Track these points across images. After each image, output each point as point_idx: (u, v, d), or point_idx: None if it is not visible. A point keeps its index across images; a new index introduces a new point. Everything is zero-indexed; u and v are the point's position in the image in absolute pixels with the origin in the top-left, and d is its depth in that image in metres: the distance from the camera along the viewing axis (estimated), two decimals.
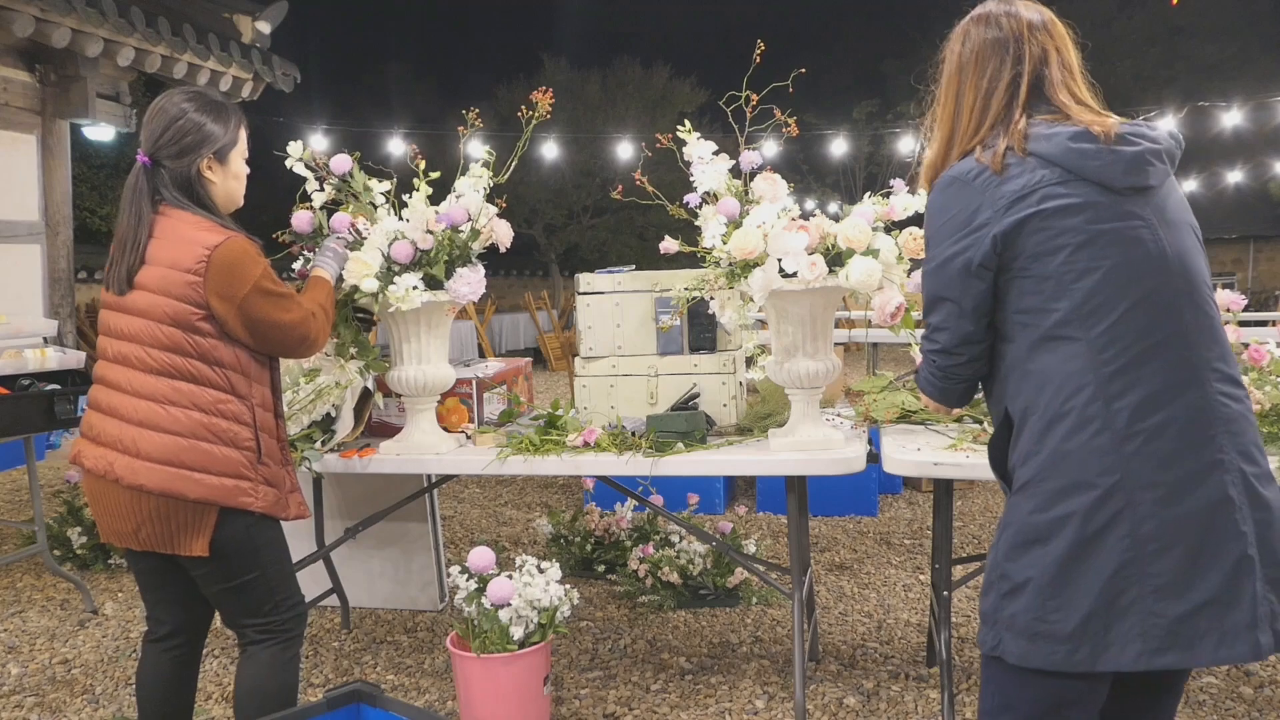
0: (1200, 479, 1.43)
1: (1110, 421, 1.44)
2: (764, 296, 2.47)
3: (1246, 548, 1.42)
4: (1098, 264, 1.48)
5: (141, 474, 2.00)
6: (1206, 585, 1.40)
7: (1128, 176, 1.52)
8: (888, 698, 2.92)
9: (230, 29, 7.17)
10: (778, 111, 2.53)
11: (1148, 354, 1.46)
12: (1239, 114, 12.40)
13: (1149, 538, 1.41)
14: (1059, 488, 1.46)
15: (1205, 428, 1.45)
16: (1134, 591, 1.41)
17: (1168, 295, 1.49)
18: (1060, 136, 1.54)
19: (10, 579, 4.32)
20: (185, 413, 2.02)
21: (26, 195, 6.34)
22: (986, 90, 1.63)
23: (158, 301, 2.02)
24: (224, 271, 2.02)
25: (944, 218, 1.59)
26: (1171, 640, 1.40)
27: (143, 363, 2.03)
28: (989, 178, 1.55)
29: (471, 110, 2.72)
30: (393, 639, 3.56)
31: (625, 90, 23.30)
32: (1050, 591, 1.46)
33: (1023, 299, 1.53)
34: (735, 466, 2.64)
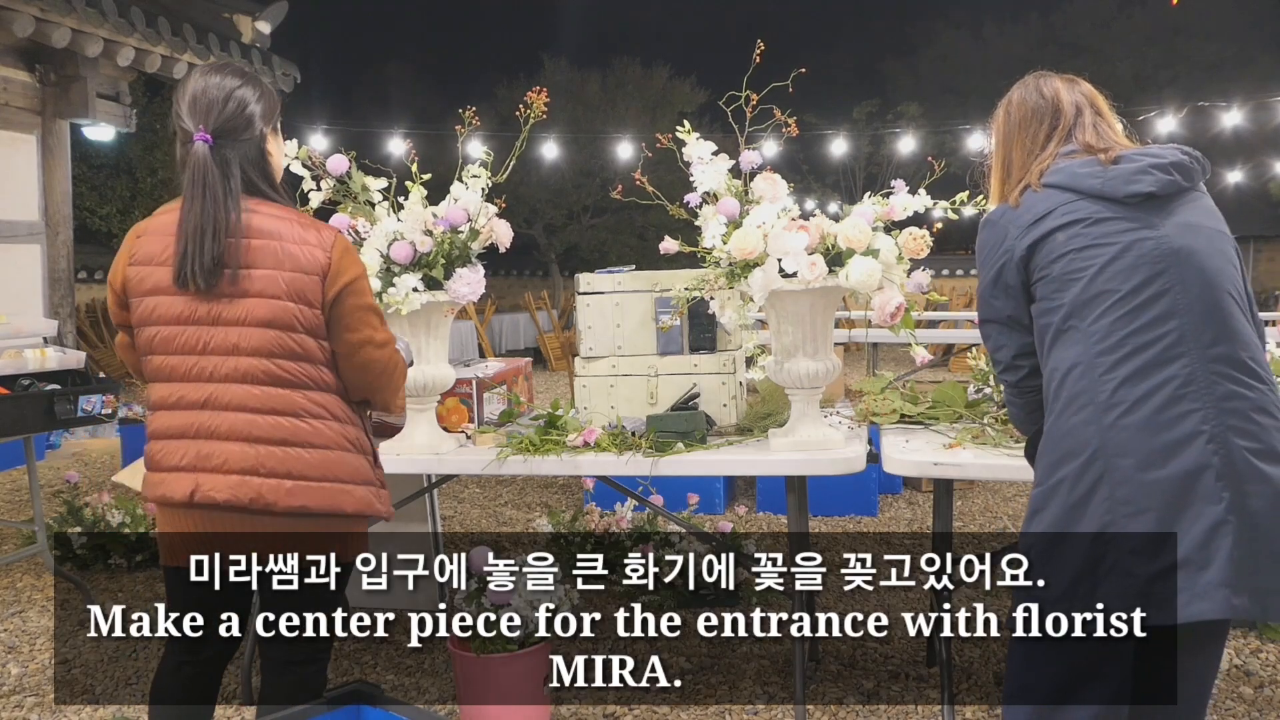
0: (1178, 447, 1.51)
1: (1094, 396, 1.58)
2: (764, 296, 2.47)
3: (1225, 513, 1.47)
4: (1094, 261, 1.65)
5: (299, 495, 1.87)
6: (1179, 547, 1.47)
7: (1127, 186, 1.68)
8: (888, 698, 2.92)
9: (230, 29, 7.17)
10: (778, 111, 2.53)
11: (1137, 334, 1.58)
12: (1239, 114, 12.40)
13: (1125, 500, 1.50)
14: (1052, 461, 1.61)
15: (1191, 400, 1.53)
16: (1113, 554, 1.50)
17: (1167, 286, 1.61)
18: (1069, 166, 1.76)
19: (10, 579, 4.31)
20: (326, 424, 1.92)
21: (26, 195, 6.34)
22: (1028, 149, 1.86)
23: (285, 308, 1.85)
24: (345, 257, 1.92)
25: (981, 255, 1.84)
26: (1144, 600, 1.48)
27: (273, 376, 1.87)
28: (1009, 212, 1.79)
29: (469, 110, 2.72)
30: (393, 639, 3.56)
31: (625, 90, 23.28)
32: (1045, 558, 1.59)
33: (1040, 303, 1.73)
34: (735, 466, 2.64)
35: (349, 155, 2.67)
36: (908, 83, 26.95)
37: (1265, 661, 3.13)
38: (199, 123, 1.87)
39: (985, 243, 1.84)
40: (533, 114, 2.66)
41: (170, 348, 1.88)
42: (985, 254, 1.83)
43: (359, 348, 1.94)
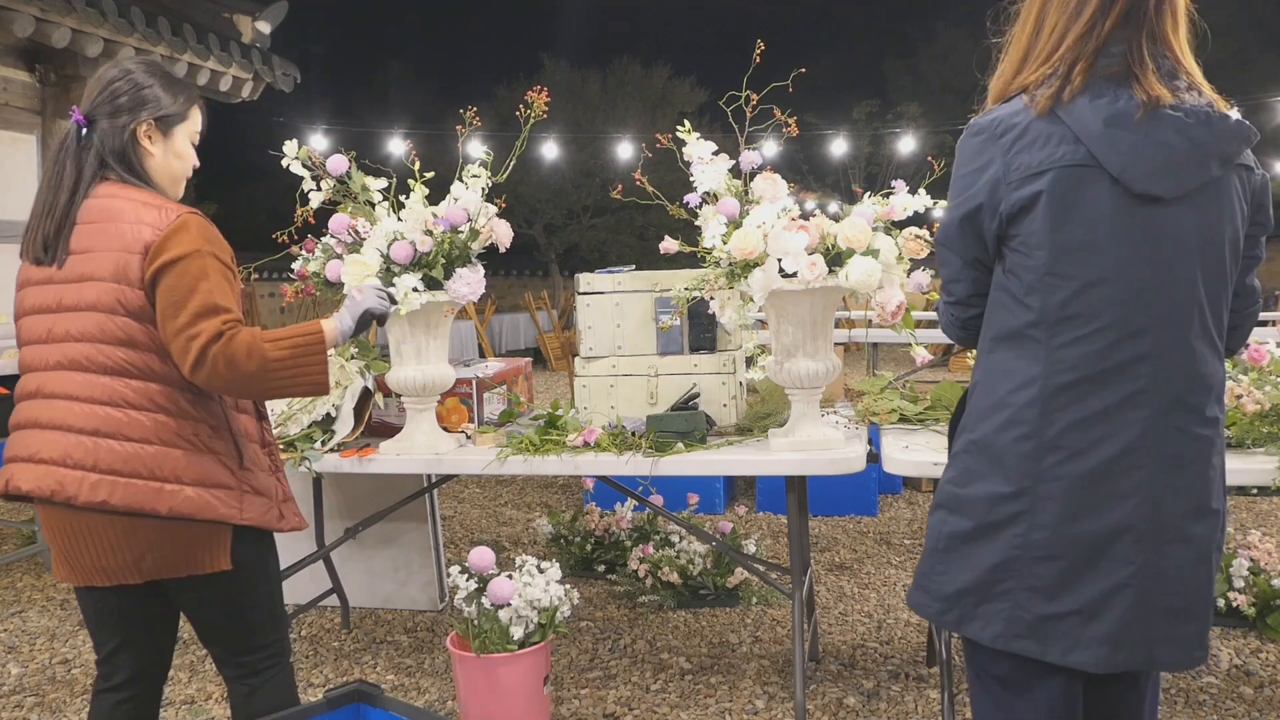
0: (1109, 504, 1.43)
1: (1040, 430, 1.44)
2: (764, 296, 2.47)
3: (1130, 576, 1.43)
4: (1079, 276, 1.42)
5: (102, 489, 1.72)
6: (1077, 598, 1.44)
7: (1148, 181, 1.40)
8: (888, 698, 2.92)
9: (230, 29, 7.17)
10: (778, 111, 2.53)
11: (1103, 376, 1.42)
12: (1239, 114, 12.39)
13: (1039, 544, 1.45)
14: (976, 471, 1.51)
15: (1137, 458, 1.42)
16: (1011, 583, 1.47)
17: (1149, 326, 1.42)
18: (1101, 112, 1.40)
19: (10, 579, 4.31)
20: (149, 416, 1.76)
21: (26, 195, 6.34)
22: (1074, 10, 1.46)
23: (108, 289, 1.75)
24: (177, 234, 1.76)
25: (963, 171, 1.53)
26: (1030, 632, 1.46)
27: (95, 363, 1.76)
28: (1017, 137, 1.44)
29: (470, 110, 2.72)
30: (393, 639, 3.56)
31: (625, 90, 23.30)
32: (940, 556, 1.55)
33: (1008, 280, 1.50)
34: (735, 466, 2.64)
35: (349, 155, 2.67)
36: (908, 83, 26.96)
37: (1265, 661, 3.13)
38: (81, 103, 1.86)
39: (966, 163, 1.52)
40: (533, 114, 2.66)
41: (27, 338, 1.85)
42: (962, 177, 1.52)
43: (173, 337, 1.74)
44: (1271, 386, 2.50)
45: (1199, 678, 3.02)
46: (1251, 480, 2.31)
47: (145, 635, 1.96)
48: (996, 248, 1.51)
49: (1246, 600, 3.32)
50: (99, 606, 1.92)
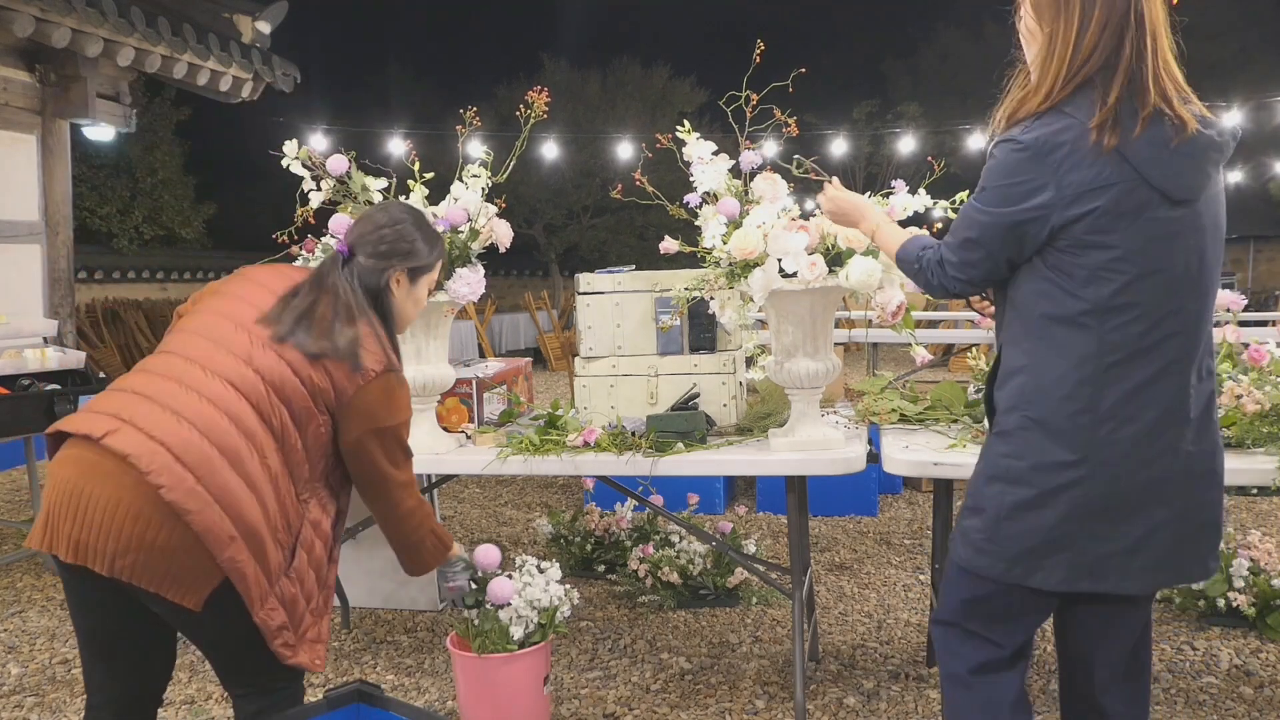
0: (1151, 462, 1.67)
1: (1094, 405, 1.65)
2: (764, 296, 2.47)
3: (1168, 517, 1.68)
4: (1128, 271, 1.63)
5: (194, 500, 1.67)
6: (1125, 539, 1.68)
7: (1185, 190, 1.64)
8: (888, 698, 2.92)
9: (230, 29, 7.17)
10: (778, 111, 2.54)
11: (1145, 353, 1.65)
12: (1239, 114, 12.40)
13: (1094, 501, 1.67)
14: (1033, 445, 1.69)
15: (1172, 424, 1.67)
16: (1071, 535, 1.69)
17: (1179, 307, 1.66)
18: (1143, 137, 1.62)
19: (10, 579, 4.32)
20: (266, 477, 1.76)
21: (26, 195, 6.34)
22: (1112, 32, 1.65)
23: (290, 381, 1.81)
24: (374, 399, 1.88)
25: (1008, 181, 1.67)
26: (1088, 572, 1.70)
27: (255, 399, 1.78)
28: (1066, 156, 1.62)
29: (470, 110, 2.72)
30: (393, 639, 3.56)
31: (625, 90, 23.28)
32: (1004, 524, 1.73)
33: (1058, 275, 1.67)
34: (735, 466, 2.64)
35: (349, 155, 2.67)
36: (908, 83, 26.95)
37: (1265, 661, 3.13)
38: (348, 235, 2.02)
39: (1016, 173, 1.65)
40: (533, 114, 2.66)
41: (199, 329, 1.86)
42: (1007, 187, 1.66)
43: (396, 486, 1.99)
44: (1271, 386, 2.50)
45: (1199, 678, 3.02)
46: (1251, 480, 2.31)
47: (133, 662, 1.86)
48: (1035, 250, 1.68)
49: (1246, 600, 3.32)
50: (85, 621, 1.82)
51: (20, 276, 6.32)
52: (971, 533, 1.78)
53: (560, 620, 2.73)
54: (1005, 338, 1.78)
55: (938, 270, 1.80)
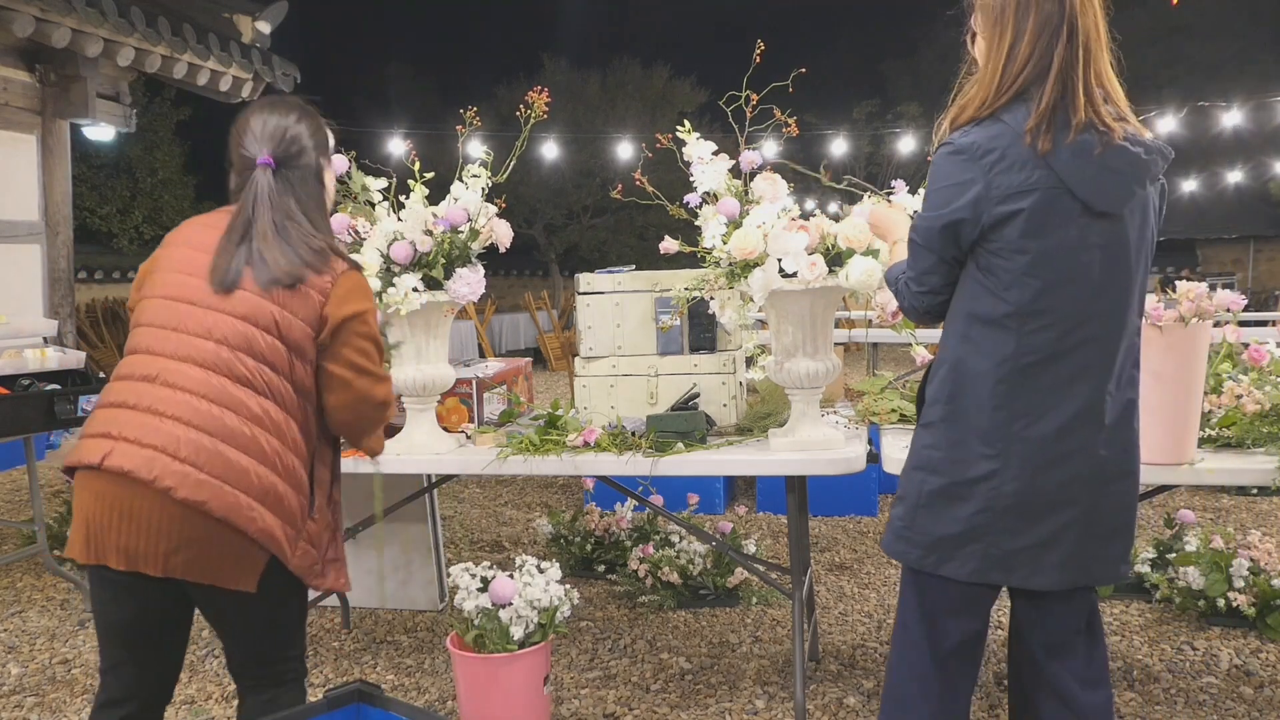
0: (1064, 460, 1.74)
1: (1009, 403, 1.73)
2: (764, 296, 2.47)
3: (1077, 514, 1.76)
4: (1046, 276, 1.70)
5: (204, 490, 1.72)
6: (1036, 534, 1.76)
7: (1106, 203, 1.71)
8: None
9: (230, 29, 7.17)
10: (778, 111, 2.53)
11: (1060, 357, 1.73)
12: (1239, 114, 12.39)
13: (1009, 495, 1.74)
14: (953, 439, 1.78)
15: (1084, 426, 1.74)
16: (984, 528, 1.76)
17: (1095, 313, 1.73)
18: (1070, 146, 1.68)
19: (10, 579, 4.32)
20: (266, 437, 1.79)
21: (26, 195, 6.34)
22: (1044, 43, 1.71)
23: (268, 309, 1.81)
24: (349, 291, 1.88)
25: (945, 183, 1.75)
26: (997, 564, 1.77)
27: (229, 368, 1.78)
28: (997, 160, 1.70)
29: (470, 110, 2.72)
30: (393, 639, 3.56)
31: (625, 90, 23.28)
32: (921, 511, 1.81)
33: (984, 276, 1.75)
34: (735, 466, 2.64)
35: (349, 155, 2.67)
36: (908, 83, 26.95)
37: (1265, 661, 3.14)
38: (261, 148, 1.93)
39: (951, 174, 1.73)
40: (533, 114, 2.66)
41: (157, 319, 1.85)
42: (943, 189, 1.74)
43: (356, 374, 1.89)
44: (1271, 386, 2.50)
45: (1199, 678, 3.02)
46: (1251, 480, 2.31)
47: (153, 652, 1.91)
48: (970, 249, 1.76)
49: (1246, 600, 3.32)
50: (111, 615, 1.87)
51: (20, 276, 6.32)
52: (895, 520, 1.87)
53: (560, 620, 2.73)
54: (943, 336, 1.86)
55: (906, 291, 1.88)
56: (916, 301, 1.87)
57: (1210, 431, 2.49)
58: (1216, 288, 2.28)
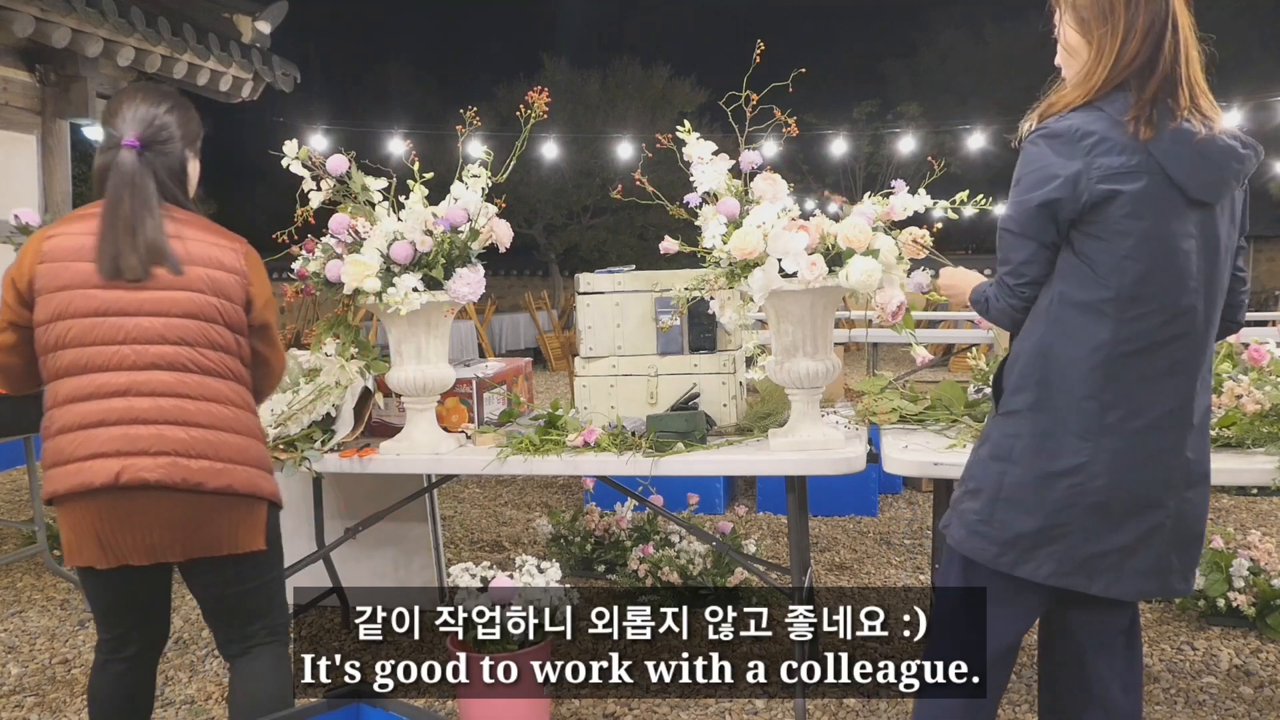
0: (1153, 460, 1.69)
1: (1102, 392, 1.68)
2: (764, 296, 2.47)
3: (1165, 519, 1.70)
4: (1148, 263, 1.67)
5: (226, 476, 1.95)
6: (1121, 538, 1.69)
7: (1204, 189, 1.69)
8: (888, 698, 2.92)
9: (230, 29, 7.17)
10: (778, 111, 2.53)
11: (1157, 348, 1.68)
12: (1239, 114, 12.38)
13: (1094, 493, 1.68)
14: (1040, 428, 1.71)
15: (1176, 425, 1.70)
16: (1067, 526, 1.69)
17: (1191, 306, 1.70)
18: (1171, 134, 1.67)
19: (10, 579, 4.31)
20: (244, 414, 2.03)
21: (26, 195, 6.34)
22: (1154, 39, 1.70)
23: (210, 302, 1.97)
24: (259, 269, 2.10)
25: (1039, 165, 1.71)
26: (1079, 569, 1.70)
27: (198, 364, 1.96)
28: (1096, 143, 1.67)
29: (470, 110, 2.72)
30: (393, 639, 3.55)
31: (625, 90, 23.28)
32: (1001, 504, 1.74)
33: (1080, 259, 1.70)
34: (735, 466, 2.64)
35: (349, 155, 2.67)
36: (908, 83, 26.95)
37: (1265, 661, 3.13)
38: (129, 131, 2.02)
39: (1046, 158, 1.70)
40: (533, 114, 2.66)
41: (88, 339, 1.91)
42: (1038, 170, 1.70)
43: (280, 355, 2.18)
44: (1271, 386, 2.50)
45: (1199, 678, 3.02)
46: (1251, 480, 2.31)
47: (154, 612, 2.16)
48: (1067, 233, 1.71)
49: (1246, 600, 3.32)
50: (119, 591, 2.06)
51: None
52: (968, 514, 1.80)
53: (560, 620, 2.73)
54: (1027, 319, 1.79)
55: (1001, 292, 1.81)
56: (1016, 298, 1.79)
57: (1210, 431, 2.49)
58: None
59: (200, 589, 2.09)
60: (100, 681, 2.14)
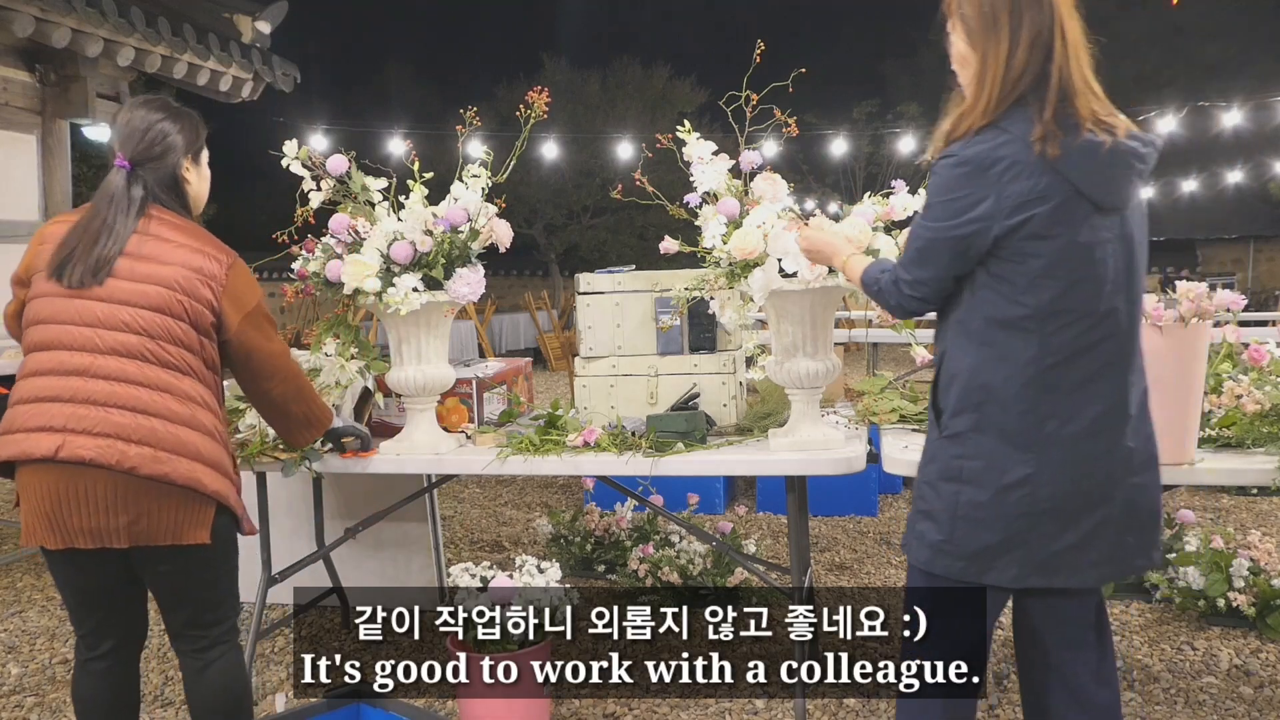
0: (1096, 459, 1.75)
1: (1039, 405, 1.73)
2: (764, 296, 2.47)
3: (1113, 510, 1.77)
4: (1065, 277, 1.71)
5: (165, 463, 1.98)
6: (1074, 535, 1.76)
7: (1113, 199, 1.73)
8: (888, 698, 2.92)
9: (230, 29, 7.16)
10: (778, 111, 2.53)
11: (1084, 354, 1.73)
12: (1239, 114, 12.39)
13: (1044, 500, 1.74)
14: (985, 448, 1.76)
15: (1113, 421, 1.75)
16: (1023, 534, 1.76)
17: (1112, 309, 1.74)
18: (1076, 148, 1.70)
19: (10, 579, 4.32)
20: (199, 410, 2.05)
21: (26, 195, 6.33)
22: (1040, 50, 1.72)
23: (177, 299, 2.03)
24: (242, 283, 2.13)
25: (950, 196, 1.74)
26: (1039, 569, 1.77)
27: (157, 357, 2.01)
28: (1005, 169, 1.69)
29: (470, 110, 2.72)
30: (393, 639, 3.55)
31: (625, 90, 23.29)
32: (960, 524, 1.80)
33: (1000, 283, 1.74)
34: (735, 466, 2.64)
35: (349, 155, 2.67)
36: (908, 83, 26.94)
37: (1265, 661, 3.13)
38: (120, 150, 2.11)
39: (957, 187, 1.73)
40: (533, 114, 2.66)
41: (59, 317, 2.01)
42: (949, 202, 1.73)
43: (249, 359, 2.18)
44: (1271, 386, 2.50)
45: (1199, 678, 3.02)
46: (1251, 480, 2.31)
47: (123, 606, 2.16)
48: (979, 260, 1.75)
49: (1246, 600, 3.32)
50: (79, 585, 2.10)
51: None
52: (928, 535, 1.85)
53: (560, 620, 2.73)
54: (948, 343, 1.84)
55: (894, 290, 1.87)
56: (908, 304, 1.86)
57: (1210, 431, 2.49)
58: (1216, 288, 2.28)
59: (149, 581, 2.13)
60: (81, 682, 2.17)
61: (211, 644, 2.16)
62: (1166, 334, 2.15)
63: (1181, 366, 2.18)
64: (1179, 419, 2.23)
